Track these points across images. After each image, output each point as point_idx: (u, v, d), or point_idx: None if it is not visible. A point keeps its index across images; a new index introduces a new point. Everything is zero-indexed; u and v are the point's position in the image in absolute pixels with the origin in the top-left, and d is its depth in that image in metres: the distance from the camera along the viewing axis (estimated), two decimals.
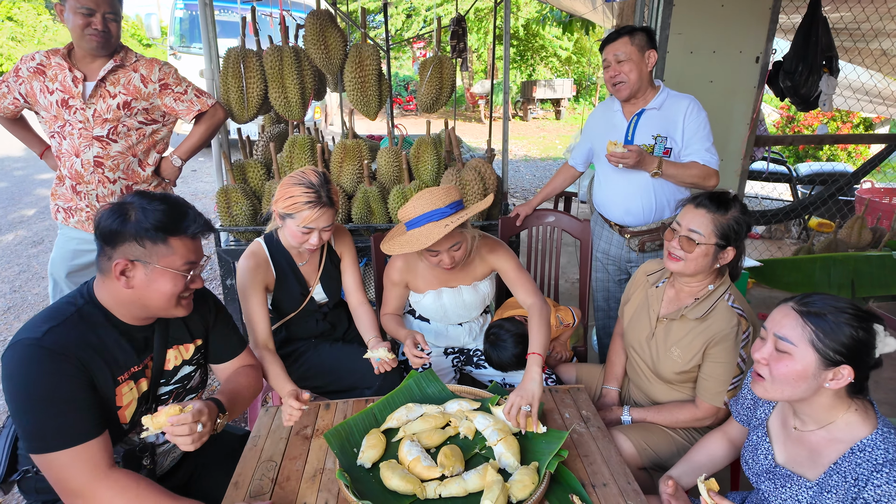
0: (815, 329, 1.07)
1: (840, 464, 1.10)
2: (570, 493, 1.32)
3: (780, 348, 1.11)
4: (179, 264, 1.23)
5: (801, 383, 1.10)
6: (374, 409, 1.62)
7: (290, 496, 1.33)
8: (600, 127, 2.29)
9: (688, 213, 1.60)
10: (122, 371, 1.27)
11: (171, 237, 1.21)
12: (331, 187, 1.71)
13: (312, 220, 1.66)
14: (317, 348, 1.95)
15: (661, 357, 1.69)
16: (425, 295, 1.94)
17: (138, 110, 2.13)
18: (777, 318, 1.14)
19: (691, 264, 1.58)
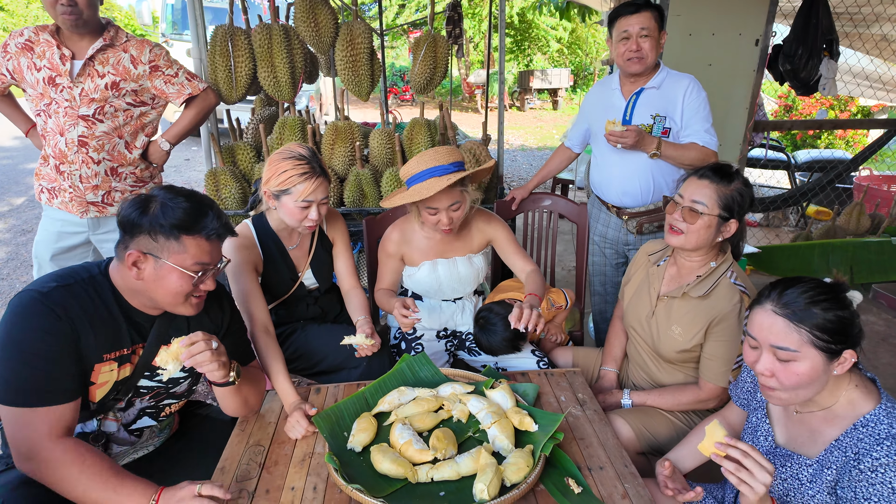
0: (809, 330, 1.04)
1: (841, 440, 1.07)
2: (565, 476, 1.28)
3: (782, 357, 1.07)
4: (189, 264, 1.21)
5: (814, 383, 1.07)
6: (365, 393, 1.58)
7: (278, 481, 1.30)
8: (598, 106, 2.23)
9: (691, 185, 1.56)
10: (110, 349, 1.25)
11: (184, 235, 1.20)
12: (320, 160, 1.66)
13: (310, 193, 1.60)
14: (304, 329, 1.90)
15: (661, 336, 1.65)
16: (420, 267, 1.91)
17: (127, 91, 2.07)
18: (766, 326, 1.09)
19: (693, 237, 1.54)
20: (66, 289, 1.19)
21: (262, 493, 1.26)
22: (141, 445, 1.45)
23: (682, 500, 1.31)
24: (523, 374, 1.73)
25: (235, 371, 1.35)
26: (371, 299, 2.22)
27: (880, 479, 0.98)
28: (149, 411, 1.40)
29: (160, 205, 1.20)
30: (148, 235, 1.19)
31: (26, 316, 1.14)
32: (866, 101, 7.71)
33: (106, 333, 1.24)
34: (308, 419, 1.45)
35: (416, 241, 1.91)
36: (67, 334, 1.16)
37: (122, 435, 1.39)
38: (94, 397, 1.27)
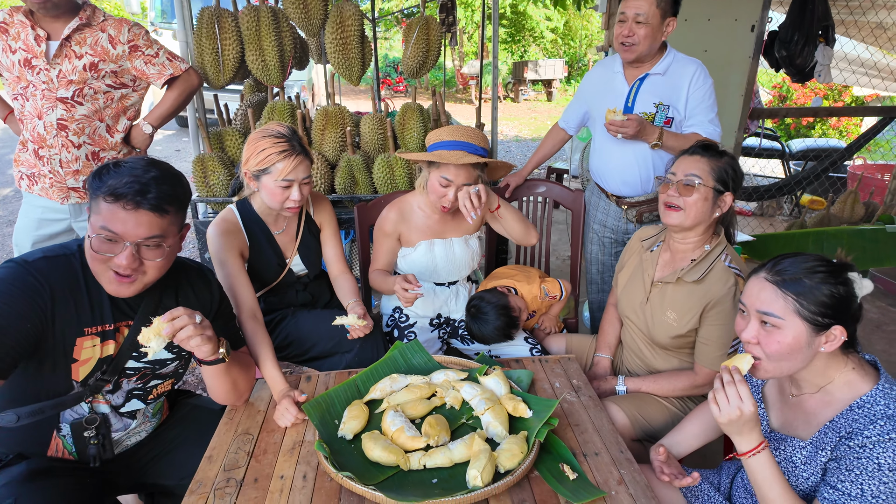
0: (796, 297, 1.03)
1: (836, 421, 1.06)
2: (560, 462, 1.26)
3: (767, 322, 1.06)
4: (97, 226, 1.14)
5: (797, 355, 1.05)
6: (356, 381, 1.55)
7: (267, 469, 1.27)
8: (598, 89, 2.17)
9: (682, 162, 1.54)
10: (92, 323, 1.22)
11: (101, 195, 1.13)
12: (301, 138, 1.62)
13: (290, 171, 1.56)
14: (294, 316, 1.87)
15: (655, 322, 1.63)
16: (416, 248, 1.89)
17: (106, 73, 2.01)
18: (754, 293, 1.09)
19: (691, 212, 1.51)
20: (52, 259, 1.18)
21: (251, 482, 1.23)
22: (135, 431, 1.42)
23: (679, 486, 1.29)
24: (517, 361, 1.70)
25: (225, 348, 1.31)
26: (364, 284, 2.19)
27: (867, 454, 0.97)
28: (136, 393, 1.37)
29: (117, 167, 1.15)
30: (91, 199, 1.16)
31: (3, 279, 1.13)
32: (860, 91, 7.72)
33: (88, 306, 1.20)
34: (298, 406, 1.42)
35: (414, 220, 1.89)
36: (44, 300, 1.14)
37: (114, 419, 1.36)
38: (78, 375, 1.23)
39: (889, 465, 0.95)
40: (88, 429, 1.30)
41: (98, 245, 1.14)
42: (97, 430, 1.31)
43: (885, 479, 0.95)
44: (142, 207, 1.13)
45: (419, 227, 1.90)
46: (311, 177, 1.62)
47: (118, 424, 1.37)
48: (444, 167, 1.70)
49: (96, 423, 1.31)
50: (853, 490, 0.97)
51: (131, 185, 1.12)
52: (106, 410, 1.34)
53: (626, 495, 1.17)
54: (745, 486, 1.27)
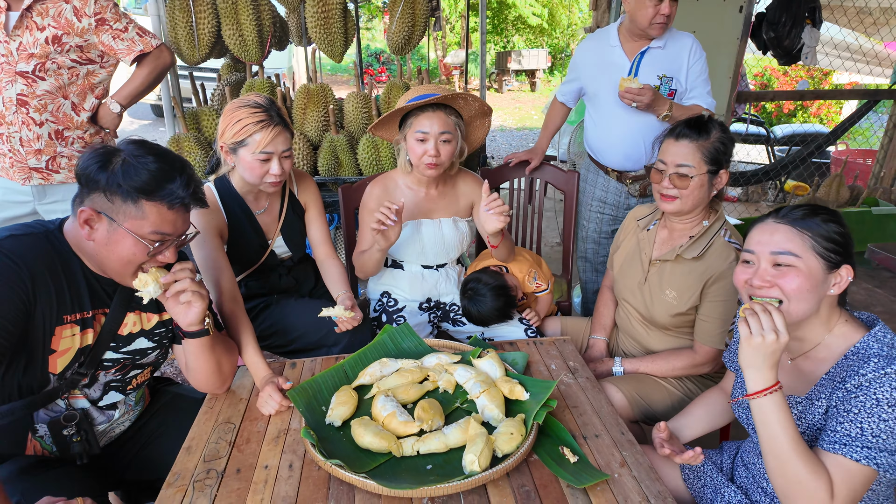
0: (812, 234, 1.03)
1: (832, 371, 1.05)
2: (559, 445, 1.21)
3: (782, 263, 1.04)
4: (146, 231, 1.09)
5: (814, 294, 1.04)
6: (344, 366, 1.48)
7: (250, 459, 1.19)
8: (594, 63, 2.11)
9: (670, 149, 1.49)
10: (71, 310, 1.14)
11: (144, 200, 1.08)
12: (280, 109, 1.53)
13: (268, 143, 1.47)
14: (278, 304, 1.78)
15: (654, 302, 1.58)
16: (403, 228, 1.80)
17: (71, 47, 1.89)
18: (766, 237, 1.08)
19: (689, 200, 1.48)
20: (21, 238, 1.09)
21: (233, 473, 1.15)
22: (118, 422, 1.34)
23: (681, 461, 1.24)
24: (511, 344, 1.64)
25: (212, 320, 1.25)
26: (350, 271, 2.11)
27: (864, 392, 0.95)
28: (114, 385, 1.29)
29: (122, 161, 1.07)
30: (104, 194, 1.07)
31: None
32: (839, 80, 7.80)
33: (67, 291, 1.12)
34: (282, 393, 1.34)
35: (399, 197, 1.82)
36: (24, 284, 1.05)
37: (95, 413, 1.28)
38: (55, 367, 1.14)
39: (888, 400, 0.93)
40: (67, 426, 1.21)
41: (154, 251, 1.12)
42: (78, 426, 1.22)
43: (884, 416, 0.92)
44: (193, 207, 1.16)
45: (405, 206, 1.81)
46: (291, 150, 1.53)
47: (101, 417, 1.29)
48: (416, 123, 1.64)
49: (76, 420, 1.22)
50: (853, 430, 0.95)
51: (181, 187, 1.10)
52: (85, 405, 1.25)
53: (629, 478, 1.13)
54: (745, 466, 1.24)
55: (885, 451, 0.92)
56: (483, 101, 1.73)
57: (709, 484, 1.27)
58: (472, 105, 1.72)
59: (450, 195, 1.85)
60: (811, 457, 0.96)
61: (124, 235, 1.08)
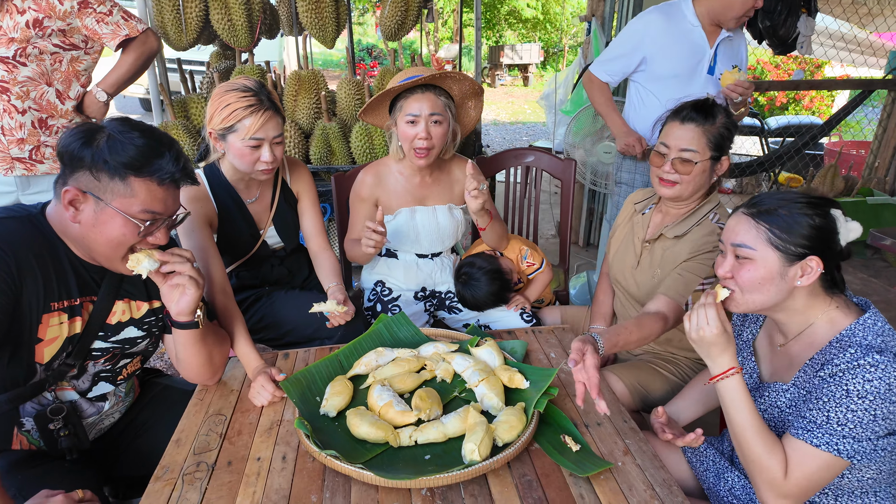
0: (769, 227, 1.02)
1: (815, 358, 1.04)
2: (561, 433, 1.17)
3: (739, 255, 1.05)
4: (136, 210, 1.04)
5: (769, 286, 1.03)
6: (339, 356, 1.44)
7: (242, 451, 1.15)
8: (667, 40, 1.98)
9: (674, 131, 1.45)
10: (58, 297, 1.09)
11: (133, 176, 1.02)
12: (271, 93, 1.48)
13: (258, 129, 1.42)
14: (270, 296, 1.73)
15: (645, 284, 1.56)
16: (396, 215, 1.77)
17: (53, 31, 1.83)
18: (731, 227, 1.08)
19: (689, 186, 1.45)
20: (3, 223, 1.05)
21: (224, 465, 1.11)
22: (108, 413, 1.29)
23: (682, 444, 1.22)
24: (509, 333, 1.61)
25: (203, 312, 1.21)
26: (344, 263, 2.06)
27: (836, 381, 0.95)
28: (104, 375, 1.24)
29: (108, 137, 1.02)
30: (89, 172, 1.02)
31: None
32: (831, 72, 7.83)
33: (54, 276, 1.08)
34: (275, 384, 1.30)
35: (393, 184, 1.77)
36: (9, 269, 1.00)
37: (85, 405, 1.23)
38: (42, 357, 1.09)
39: (858, 391, 0.92)
40: (54, 420, 1.16)
41: (145, 230, 1.07)
42: (65, 420, 1.17)
43: (852, 407, 0.92)
44: (183, 184, 1.11)
45: (398, 193, 1.77)
46: (283, 135, 1.48)
47: (90, 409, 1.24)
48: (406, 105, 1.59)
49: (63, 413, 1.17)
50: (819, 418, 0.96)
51: (170, 162, 1.05)
52: (73, 398, 1.20)
53: (633, 466, 1.10)
54: None
55: (850, 438, 0.93)
56: (474, 80, 1.68)
57: (711, 468, 1.25)
58: (462, 85, 1.68)
59: (444, 181, 1.81)
60: (767, 437, 1.00)
61: (113, 215, 1.03)
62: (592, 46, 3.41)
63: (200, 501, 1.02)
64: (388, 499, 1.01)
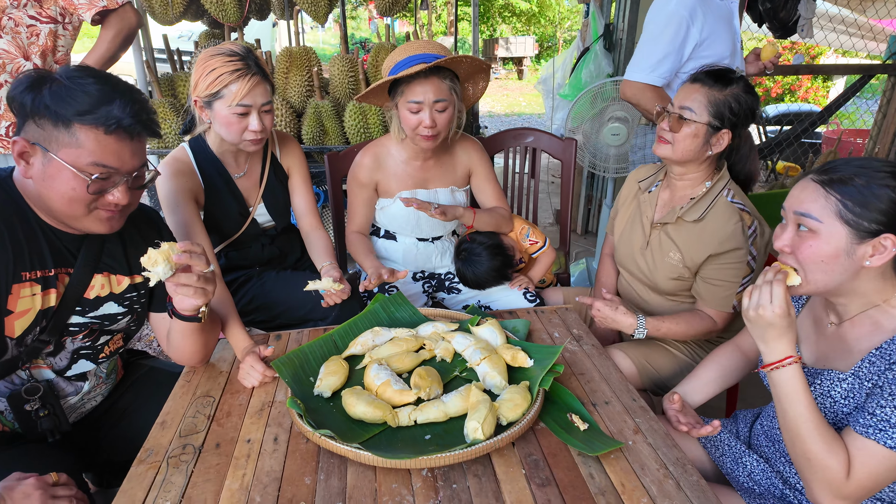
0: (840, 198, 0.90)
1: (885, 348, 0.93)
2: (567, 412, 1.12)
3: (802, 225, 0.94)
4: (85, 163, 0.95)
5: (833, 265, 0.93)
6: (333, 336, 1.37)
7: (231, 433, 1.08)
8: (712, 19, 1.81)
9: (682, 91, 1.40)
10: (30, 266, 1.01)
11: (77, 123, 0.93)
12: (259, 59, 1.40)
13: (246, 94, 1.34)
14: (261, 277, 1.66)
15: (657, 266, 1.50)
16: (396, 199, 1.69)
17: (28, 1, 1.74)
18: (795, 194, 0.97)
19: (679, 147, 1.38)
20: None
21: (212, 448, 1.05)
22: (89, 396, 1.22)
23: (698, 435, 1.17)
24: (511, 313, 1.55)
25: (207, 307, 1.14)
26: (338, 244, 2.00)
27: None
28: (84, 352, 1.17)
29: (54, 83, 0.93)
30: (33, 121, 0.94)
31: None
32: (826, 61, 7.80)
33: (25, 244, 1.00)
34: (265, 364, 1.24)
35: (393, 166, 1.69)
36: None
37: (63, 384, 1.16)
38: (13, 331, 1.02)
39: None
40: (30, 400, 1.09)
41: (95, 187, 0.97)
42: (42, 400, 1.11)
43: None
44: (141, 136, 1.00)
45: (398, 176, 1.70)
46: (272, 104, 1.41)
47: (69, 389, 1.17)
48: (408, 91, 1.50)
49: (39, 393, 1.10)
50: (893, 416, 0.86)
51: (120, 108, 0.94)
52: (49, 377, 1.13)
53: (644, 445, 1.04)
54: (766, 434, 1.16)
55: None
56: (480, 59, 1.60)
57: (727, 453, 1.20)
58: (470, 64, 1.59)
59: (447, 164, 1.74)
60: (827, 433, 0.91)
61: (60, 168, 0.94)
62: (591, 29, 3.35)
63: (186, 485, 0.96)
64: (386, 480, 0.96)
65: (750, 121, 1.38)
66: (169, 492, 0.94)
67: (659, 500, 0.92)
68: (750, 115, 1.37)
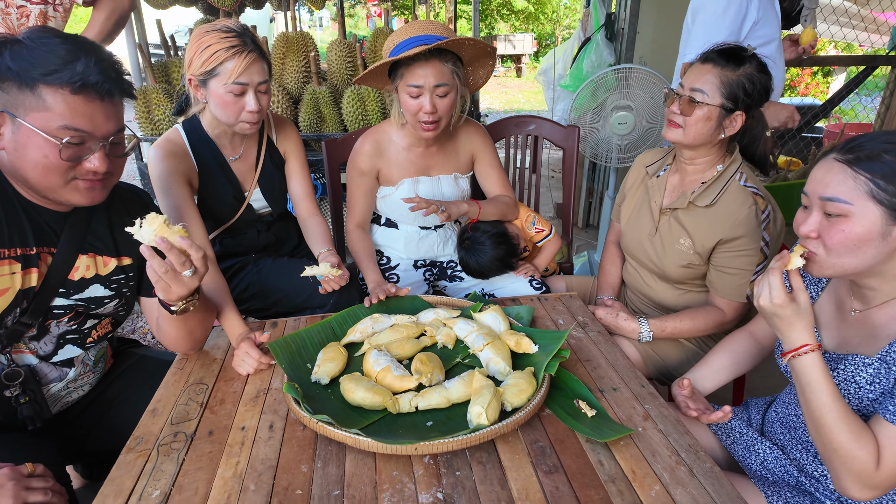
0: (870, 176, 0.85)
1: None
2: (574, 398, 1.08)
3: (830, 212, 0.88)
4: (53, 127, 0.90)
5: (866, 248, 0.87)
6: (331, 322, 1.33)
7: (225, 421, 1.04)
8: None
9: (693, 72, 1.35)
10: (9, 244, 0.97)
11: (42, 85, 0.88)
12: (255, 37, 1.35)
13: (242, 72, 1.29)
14: (256, 264, 1.61)
15: (666, 253, 1.45)
16: (398, 186, 1.65)
17: None
18: (819, 177, 0.91)
19: (691, 131, 1.34)
20: None
21: (204, 435, 1.00)
22: (75, 385, 1.18)
23: (708, 421, 1.13)
24: (514, 300, 1.51)
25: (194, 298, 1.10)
26: (337, 233, 1.95)
27: None
28: (71, 337, 1.12)
29: (15, 44, 0.88)
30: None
31: None
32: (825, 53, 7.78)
33: (3, 219, 0.96)
34: (261, 350, 1.19)
35: (394, 153, 1.64)
36: None
37: (47, 370, 1.11)
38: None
39: None
40: (11, 386, 1.05)
41: (67, 152, 0.91)
42: (23, 386, 1.06)
43: None
44: (112, 96, 0.94)
45: (400, 163, 1.65)
46: (269, 83, 1.36)
47: (53, 374, 1.12)
48: (408, 74, 1.44)
49: (20, 379, 1.05)
50: None
51: (88, 66, 0.89)
52: (32, 362, 1.09)
53: (655, 431, 1.00)
54: (781, 421, 1.12)
55: None
56: (485, 42, 1.53)
57: (739, 441, 1.16)
58: (475, 48, 1.53)
59: (449, 150, 1.69)
60: (853, 422, 0.86)
61: (30, 134, 0.89)
62: (592, 19, 3.31)
63: (177, 473, 0.92)
64: (386, 468, 0.91)
65: (764, 101, 1.34)
66: (159, 480, 0.90)
67: (671, 487, 0.88)
68: (764, 95, 1.32)
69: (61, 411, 1.17)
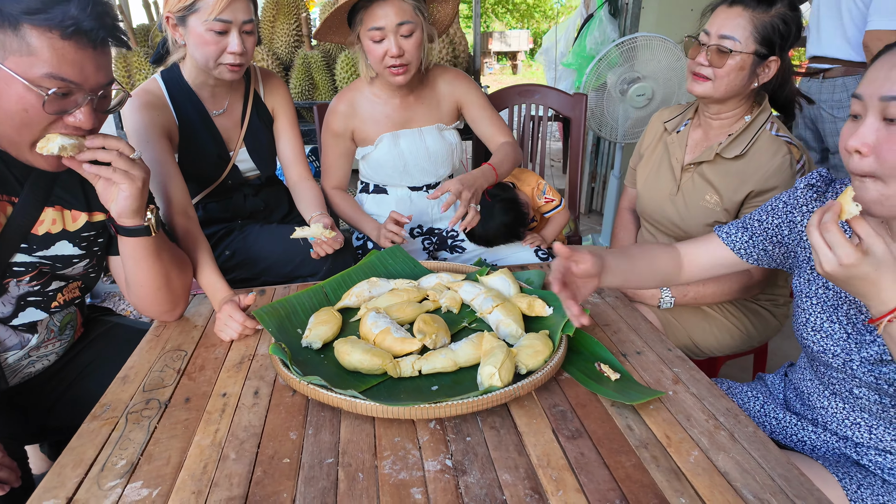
0: None
1: None
2: (595, 361, 0.97)
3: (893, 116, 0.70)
4: (38, 74, 0.79)
5: None
6: (324, 287, 1.22)
7: (204, 387, 0.93)
8: None
9: (719, 16, 1.23)
10: None
11: (27, 25, 0.77)
12: None
13: (224, 7, 1.17)
14: (242, 230, 1.50)
15: (690, 211, 1.35)
16: (378, 144, 1.54)
17: None
18: (883, 75, 0.71)
19: (722, 83, 1.23)
20: None
21: (180, 402, 0.89)
22: (38, 354, 1.05)
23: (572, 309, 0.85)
24: (522, 267, 1.40)
25: (154, 215, 0.98)
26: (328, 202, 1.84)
27: None
28: (32, 300, 1.00)
29: None
30: None
31: None
32: None
33: None
34: (245, 314, 1.08)
35: (369, 109, 1.53)
36: None
37: (5, 334, 0.98)
38: None
39: None
40: None
41: (53, 105, 0.81)
42: None
43: None
44: (105, 45, 0.85)
45: (377, 119, 1.54)
46: (254, 23, 1.25)
47: (12, 340, 1.00)
48: (367, 17, 1.33)
49: None
50: None
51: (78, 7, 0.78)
52: None
53: (687, 395, 0.90)
54: (797, 393, 1.03)
55: None
56: None
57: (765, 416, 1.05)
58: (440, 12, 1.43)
59: (429, 99, 1.57)
60: None
61: (8, 80, 0.78)
62: None
63: (147, 441, 0.80)
64: (387, 434, 0.80)
65: (796, 41, 1.23)
66: (125, 449, 0.78)
67: (711, 452, 0.77)
68: (797, 35, 1.22)
69: (22, 382, 1.05)
